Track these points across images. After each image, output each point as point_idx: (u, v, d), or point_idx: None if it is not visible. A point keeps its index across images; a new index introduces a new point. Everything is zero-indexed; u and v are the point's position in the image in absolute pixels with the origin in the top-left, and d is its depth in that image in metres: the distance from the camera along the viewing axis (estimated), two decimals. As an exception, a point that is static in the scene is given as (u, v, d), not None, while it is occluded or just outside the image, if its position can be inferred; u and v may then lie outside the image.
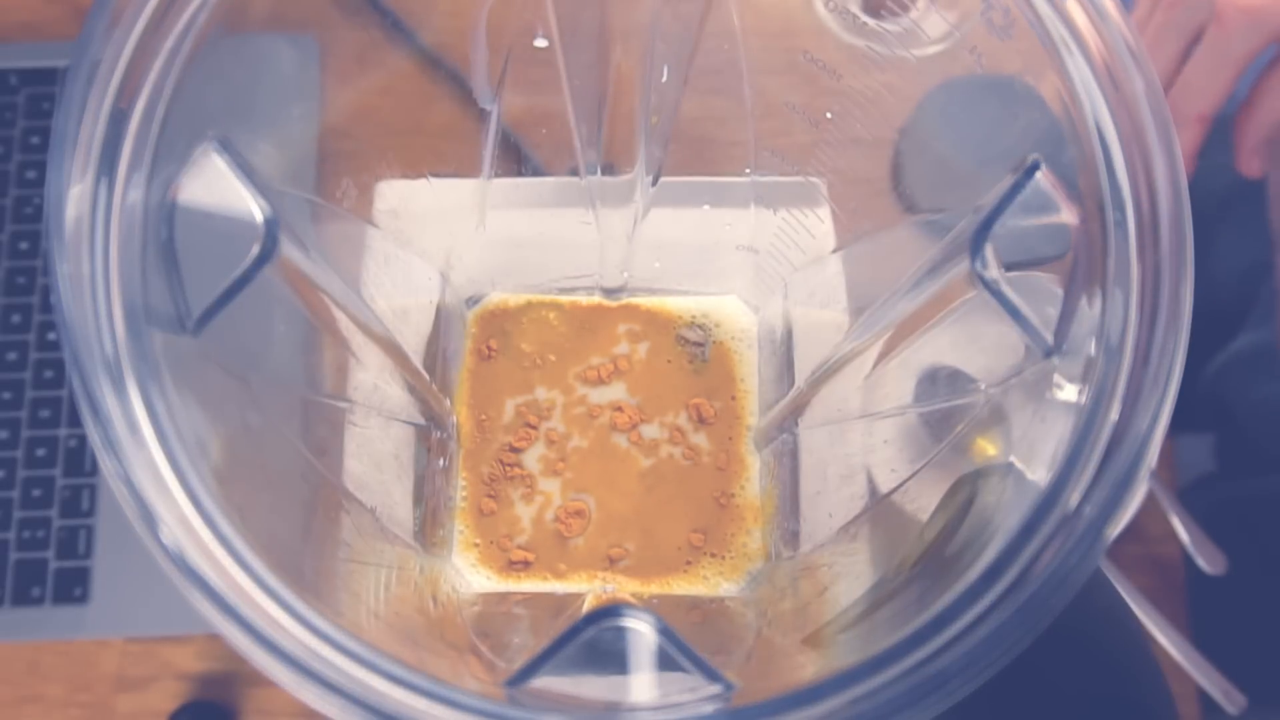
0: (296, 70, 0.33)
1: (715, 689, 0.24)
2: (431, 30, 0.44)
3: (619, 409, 0.45)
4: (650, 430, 0.45)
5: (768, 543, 0.44)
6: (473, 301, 0.47)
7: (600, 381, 0.46)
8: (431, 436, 0.43)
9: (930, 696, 0.23)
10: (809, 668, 0.32)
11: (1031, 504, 0.24)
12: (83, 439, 0.51)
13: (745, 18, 0.36)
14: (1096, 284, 0.25)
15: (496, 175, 0.43)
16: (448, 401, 0.44)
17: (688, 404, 0.46)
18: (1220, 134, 0.43)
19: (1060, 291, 0.25)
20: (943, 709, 0.23)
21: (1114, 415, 0.24)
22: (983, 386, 0.31)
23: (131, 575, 0.49)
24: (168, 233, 0.24)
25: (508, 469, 0.45)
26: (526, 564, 0.43)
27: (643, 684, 0.24)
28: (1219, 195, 0.56)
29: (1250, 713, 0.48)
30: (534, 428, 0.45)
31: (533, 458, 0.45)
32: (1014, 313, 0.25)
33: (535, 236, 0.45)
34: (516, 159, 0.46)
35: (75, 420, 0.51)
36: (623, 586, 0.43)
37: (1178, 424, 0.24)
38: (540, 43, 0.35)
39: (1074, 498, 0.24)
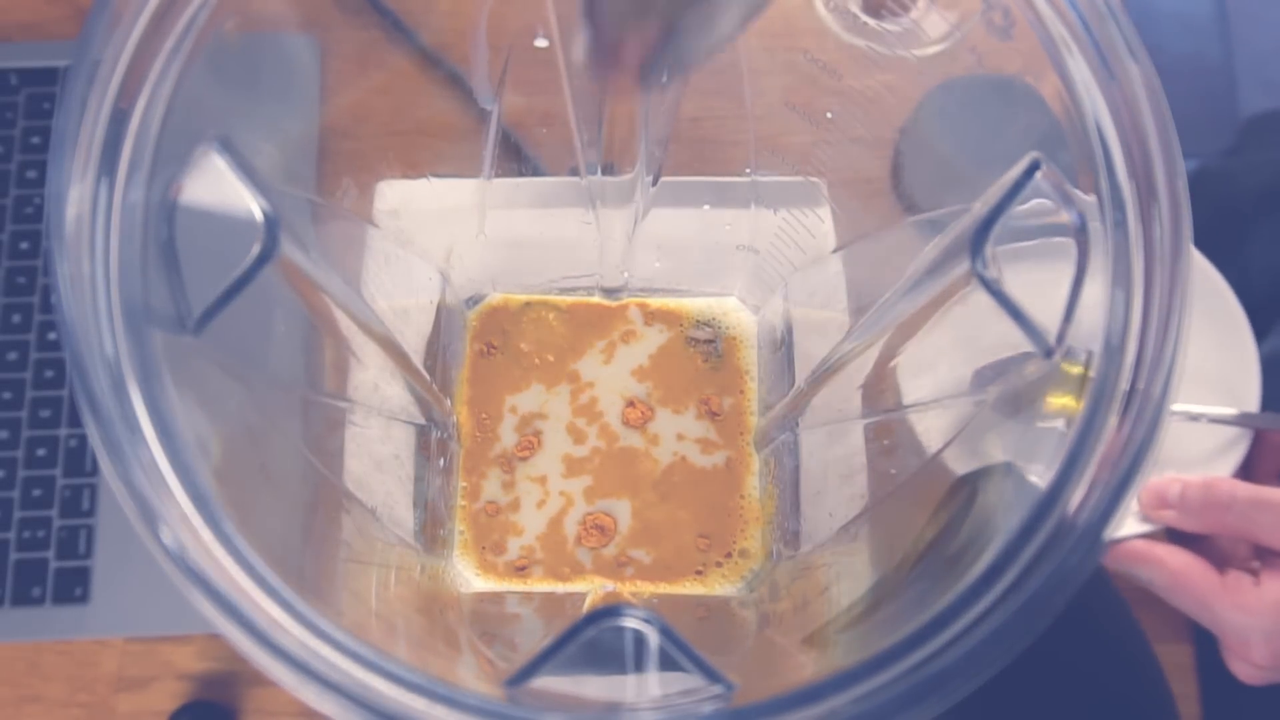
0: (296, 70, 0.33)
1: (715, 689, 0.24)
2: (431, 30, 0.44)
3: (631, 404, 0.45)
4: (662, 426, 0.45)
5: (768, 543, 0.44)
6: (473, 301, 0.47)
7: (604, 369, 0.46)
8: (432, 437, 0.43)
9: (930, 696, 0.23)
10: (809, 667, 0.32)
11: (1031, 504, 0.24)
12: (83, 439, 0.51)
13: (745, 18, 0.36)
14: (1097, 284, 0.25)
15: (497, 175, 0.43)
16: (448, 401, 0.44)
17: (698, 400, 0.46)
18: (1258, 130, 0.42)
19: (1060, 291, 0.25)
20: (943, 709, 0.23)
21: (1114, 415, 0.24)
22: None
23: (131, 575, 0.49)
24: (168, 233, 0.24)
25: (509, 470, 0.45)
26: (529, 566, 0.43)
27: (643, 684, 0.24)
28: (1256, 192, 0.55)
29: (1254, 710, 0.48)
30: (537, 429, 0.45)
31: (535, 459, 0.45)
32: (1014, 313, 0.25)
33: (535, 236, 0.45)
34: (516, 159, 0.46)
35: (75, 420, 0.51)
36: (625, 587, 0.43)
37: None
38: (540, 43, 0.35)
39: (1074, 498, 0.24)
